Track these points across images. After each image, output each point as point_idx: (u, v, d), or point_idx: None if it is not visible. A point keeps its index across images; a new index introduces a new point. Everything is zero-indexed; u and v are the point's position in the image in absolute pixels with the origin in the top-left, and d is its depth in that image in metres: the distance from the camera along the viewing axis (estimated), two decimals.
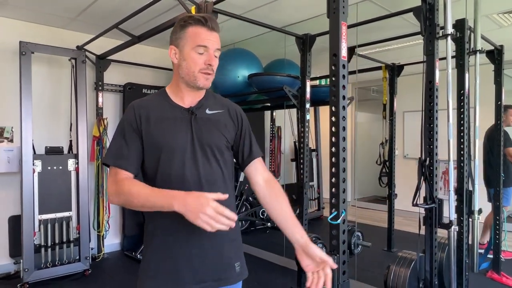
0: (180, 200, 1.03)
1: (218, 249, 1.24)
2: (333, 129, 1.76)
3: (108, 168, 1.24)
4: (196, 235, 1.19)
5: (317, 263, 1.16)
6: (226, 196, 1.06)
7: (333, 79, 1.76)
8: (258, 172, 1.32)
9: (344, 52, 1.74)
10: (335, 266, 1.18)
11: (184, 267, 1.19)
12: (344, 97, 1.75)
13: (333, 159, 1.76)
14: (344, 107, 1.76)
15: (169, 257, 1.20)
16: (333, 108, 1.76)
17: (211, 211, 0.99)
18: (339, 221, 1.71)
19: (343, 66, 1.74)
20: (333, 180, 1.76)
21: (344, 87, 1.75)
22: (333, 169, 1.76)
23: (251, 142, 1.34)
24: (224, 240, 1.25)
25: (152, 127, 1.21)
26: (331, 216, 1.72)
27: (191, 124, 1.23)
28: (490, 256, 3.46)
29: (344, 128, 1.76)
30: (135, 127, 1.22)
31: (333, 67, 1.76)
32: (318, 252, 1.16)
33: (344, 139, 1.76)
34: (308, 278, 1.16)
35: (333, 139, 1.76)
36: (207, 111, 1.27)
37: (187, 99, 1.27)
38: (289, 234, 1.23)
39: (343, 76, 1.74)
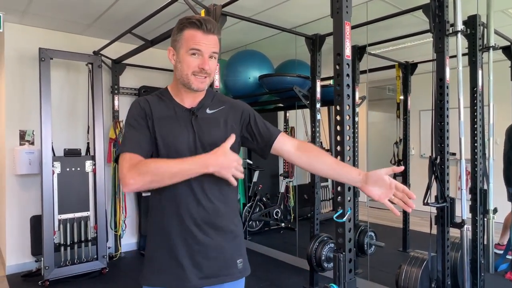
0: (213, 162, 1.13)
1: (221, 246, 1.25)
2: (338, 128, 1.77)
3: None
4: (199, 232, 1.22)
5: (388, 186, 1.15)
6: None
7: (337, 78, 1.77)
8: (286, 143, 1.31)
9: (348, 52, 1.75)
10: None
11: (188, 263, 1.22)
12: (348, 96, 1.76)
13: (338, 158, 1.76)
14: (349, 106, 1.77)
15: (173, 253, 1.22)
16: (338, 107, 1.77)
17: (238, 165, 1.15)
18: (344, 219, 1.71)
19: (347, 65, 1.75)
20: None
21: (348, 86, 1.76)
22: None
23: (266, 125, 1.33)
24: (227, 237, 1.27)
25: (155, 124, 1.23)
26: (336, 214, 1.73)
27: (192, 125, 1.24)
28: (509, 257, 3.37)
29: (349, 127, 1.76)
30: (143, 117, 1.23)
31: (337, 66, 1.77)
32: (381, 170, 1.16)
33: (349, 137, 1.76)
34: (388, 205, 1.16)
35: (338, 137, 1.77)
36: (208, 111, 1.28)
37: (187, 100, 1.28)
38: (346, 178, 1.25)
39: (347, 75, 1.75)
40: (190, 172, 1.13)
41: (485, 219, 2.73)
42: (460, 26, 2.31)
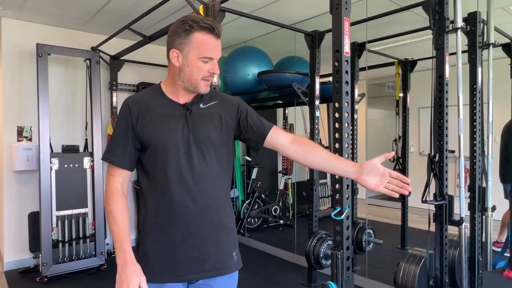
0: (119, 269, 1.17)
1: (217, 240, 1.26)
2: (337, 125, 1.76)
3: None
4: (195, 227, 1.23)
5: (382, 174, 1.19)
6: None
7: (336, 75, 1.76)
8: (280, 137, 1.31)
9: (347, 48, 1.74)
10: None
11: (185, 258, 1.22)
12: (347, 93, 1.75)
13: (337, 155, 1.75)
14: (348, 103, 1.76)
15: (170, 248, 1.23)
16: (336, 104, 1.76)
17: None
18: (342, 216, 1.71)
19: (346, 62, 1.74)
20: (337, 176, 1.76)
21: (347, 82, 1.75)
22: None
23: (259, 119, 1.34)
24: (223, 230, 1.28)
25: (147, 123, 1.23)
26: (334, 212, 1.73)
27: (187, 120, 1.24)
28: (507, 254, 3.38)
29: (348, 124, 1.75)
30: (129, 125, 1.24)
31: (336, 63, 1.76)
32: (375, 159, 1.19)
33: (348, 135, 1.75)
34: (385, 191, 1.19)
35: (337, 134, 1.76)
36: (201, 106, 1.28)
37: (183, 98, 1.28)
38: (342, 170, 1.27)
39: (346, 72, 1.74)
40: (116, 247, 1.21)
41: (484, 217, 2.74)
42: (460, 23, 2.29)
